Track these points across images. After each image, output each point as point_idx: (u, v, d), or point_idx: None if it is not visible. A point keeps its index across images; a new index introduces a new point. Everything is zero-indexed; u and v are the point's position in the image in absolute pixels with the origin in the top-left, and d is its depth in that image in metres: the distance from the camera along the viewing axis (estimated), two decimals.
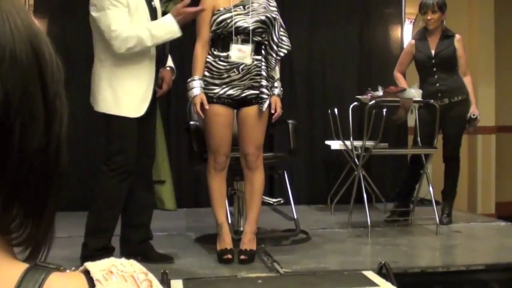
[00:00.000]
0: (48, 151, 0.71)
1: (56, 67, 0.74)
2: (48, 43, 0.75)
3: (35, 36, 0.72)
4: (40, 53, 0.71)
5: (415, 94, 4.97)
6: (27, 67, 0.69)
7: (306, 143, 6.26)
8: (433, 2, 5.19)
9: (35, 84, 0.70)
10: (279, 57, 3.88)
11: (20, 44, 0.69)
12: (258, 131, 3.86)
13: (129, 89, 3.57)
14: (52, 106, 0.72)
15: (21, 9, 0.72)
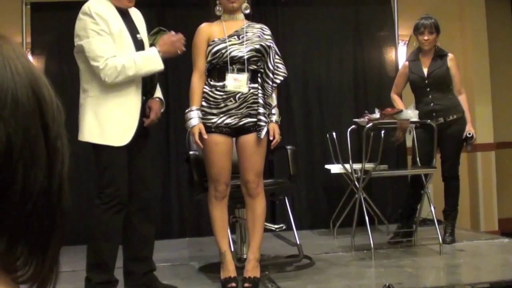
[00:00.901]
0: (50, 191, 0.73)
1: (56, 109, 0.76)
2: (48, 86, 0.77)
3: (35, 80, 0.74)
4: (41, 96, 0.74)
5: (411, 115, 5.00)
6: (28, 110, 0.71)
7: (306, 167, 6.27)
8: (430, 23, 5.24)
9: (36, 126, 0.72)
10: (275, 84, 3.91)
11: (22, 88, 0.71)
12: (258, 159, 3.88)
13: (113, 118, 3.57)
14: (53, 147, 0.74)
15: (21, 54, 0.75)
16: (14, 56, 0.74)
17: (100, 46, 3.51)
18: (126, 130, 3.59)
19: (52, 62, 6.04)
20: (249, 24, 3.95)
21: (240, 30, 3.87)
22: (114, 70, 3.50)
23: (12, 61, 0.73)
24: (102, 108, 3.57)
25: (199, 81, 3.83)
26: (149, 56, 3.60)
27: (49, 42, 6.04)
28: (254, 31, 3.91)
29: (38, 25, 6.00)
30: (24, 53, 0.78)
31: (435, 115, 5.20)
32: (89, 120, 3.58)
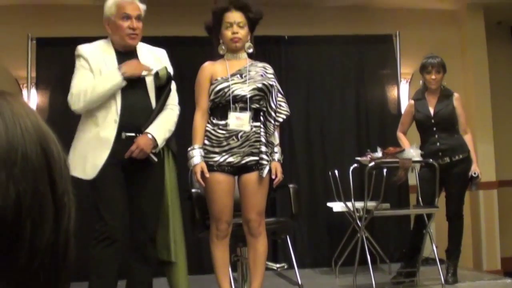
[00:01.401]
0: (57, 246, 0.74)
1: (64, 165, 0.77)
2: (56, 142, 0.78)
3: (44, 136, 0.75)
4: (49, 153, 0.75)
5: (414, 154, 5.00)
6: (37, 167, 0.72)
7: (308, 206, 6.26)
8: (437, 62, 5.26)
9: (45, 183, 0.73)
10: (277, 123, 3.91)
11: (31, 146, 0.72)
12: (260, 197, 3.87)
13: (83, 152, 3.64)
14: (61, 202, 0.75)
15: (30, 111, 0.76)
16: (24, 113, 0.75)
17: (73, 83, 3.74)
18: (93, 164, 3.63)
19: (56, 97, 6.05)
20: (252, 63, 3.97)
21: (243, 69, 3.90)
22: (76, 97, 3.66)
23: (22, 119, 0.74)
24: (79, 142, 3.70)
25: (201, 120, 3.84)
26: (106, 74, 3.69)
27: (54, 77, 6.07)
28: (257, 70, 3.93)
29: (43, 60, 6.04)
30: (33, 109, 0.79)
31: (441, 155, 5.20)
32: (72, 155, 3.65)
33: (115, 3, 3.77)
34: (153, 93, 3.79)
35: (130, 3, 3.78)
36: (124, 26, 3.74)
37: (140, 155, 3.65)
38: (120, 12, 3.75)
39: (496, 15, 7.22)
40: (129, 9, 3.76)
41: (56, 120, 6.03)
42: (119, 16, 3.75)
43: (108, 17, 3.78)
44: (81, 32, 5.91)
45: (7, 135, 0.72)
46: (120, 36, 3.76)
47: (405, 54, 6.53)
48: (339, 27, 6.62)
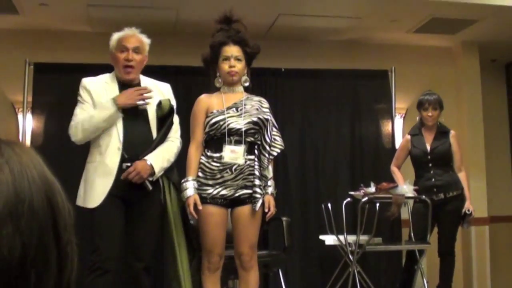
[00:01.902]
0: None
1: (68, 214, 0.78)
2: (61, 191, 0.79)
3: (49, 186, 0.76)
4: (55, 203, 0.76)
5: (407, 190, 5.02)
6: (43, 219, 0.73)
7: (301, 238, 6.24)
8: (434, 99, 5.32)
9: (49, 234, 0.74)
10: (271, 157, 3.94)
11: (38, 197, 0.74)
12: (252, 231, 3.87)
13: (89, 181, 3.73)
14: (64, 253, 0.76)
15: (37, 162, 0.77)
16: (31, 164, 0.76)
17: (74, 116, 3.83)
18: (97, 193, 3.68)
19: (51, 122, 6.07)
20: (248, 96, 4.00)
21: (239, 103, 3.92)
22: (74, 129, 3.77)
23: (29, 170, 0.75)
24: (87, 172, 3.78)
25: (196, 152, 3.86)
26: (102, 104, 3.75)
27: (50, 102, 6.08)
28: (252, 104, 3.96)
29: (40, 85, 6.04)
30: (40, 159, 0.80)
31: (435, 191, 5.22)
32: (80, 185, 3.80)
33: (117, 37, 3.89)
34: (155, 123, 3.86)
35: (130, 36, 3.89)
36: (120, 58, 3.84)
37: (136, 179, 3.68)
38: (119, 44, 3.86)
39: (491, 53, 7.28)
40: (127, 41, 3.87)
41: (51, 146, 6.04)
42: (118, 49, 3.86)
43: (111, 51, 3.90)
44: (79, 58, 5.97)
45: (15, 187, 0.73)
46: (118, 69, 3.88)
47: (400, 89, 6.57)
48: (335, 61, 6.67)
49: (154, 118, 3.85)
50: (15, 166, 0.75)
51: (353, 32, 6.59)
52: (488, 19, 6.12)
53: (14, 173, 0.74)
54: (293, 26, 6.34)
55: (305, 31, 6.49)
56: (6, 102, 6.29)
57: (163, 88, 4.04)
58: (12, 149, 0.78)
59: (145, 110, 3.85)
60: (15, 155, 0.77)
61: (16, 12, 5.76)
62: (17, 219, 0.71)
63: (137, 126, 3.81)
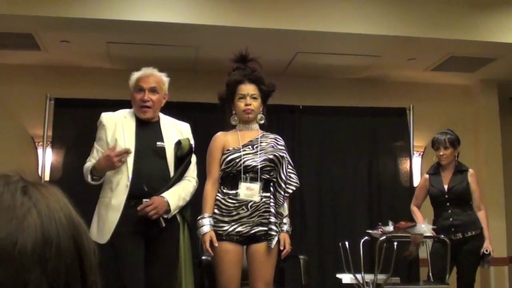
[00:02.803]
0: None
1: (93, 255, 0.79)
2: (87, 232, 0.80)
3: (76, 228, 0.77)
4: (81, 246, 0.76)
5: (425, 230, 4.98)
6: (70, 261, 0.74)
7: (318, 276, 6.19)
8: (444, 139, 5.30)
9: (76, 277, 0.74)
10: (287, 194, 3.93)
11: (65, 241, 0.74)
12: (267, 268, 3.85)
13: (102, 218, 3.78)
14: None
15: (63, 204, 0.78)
16: (58, 207, 0.77)
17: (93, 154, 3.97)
18: (106, 229, 3.74)
19: (71, 156, 6.11)
20: (263, 134, 4.02)
21: (255, 140, 3.94)
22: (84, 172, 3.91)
23: (56, 213, 0.76)
24: (99, 208, 3.84)
25: (212, 189, 3.87)
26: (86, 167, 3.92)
27: (70, 137, 6.14)
28: (268, 141, 3.97)
29: (60, 120, 6.12)
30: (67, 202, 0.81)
31: (453, 230, 5.17)
32: (93, 221, 3.85)
33: (136, 77, 3.97)
34: (173, 161, 3.89)
35: (147, 76, 3.95)
36: (137, 98, 3.91)
37: (152, 213, 3.71)
38: (137, 84, 3.93)
39: (510, 91, 7.27)
40: (144, 82, 3.93)
41: (70, 180, 6.07)
42: (136, 89, 3.93)
43: (130, 90, 3.98)
44: (98, 94, 6.04)
45: (43, 230, 0.74)
46: (136, 109, 3.96)
47: (418, 127, 6.56)
48: (353, 99, 6.69)
49: (172, 155, 3.89)
50: (42, 209, 0.76)
51: (371, 70, 6.61)
52: (506, 57, 6.13)
53: (42, 216, 0.75)
54: (311, 64, 6.38)
55: (323, 68, 6.53)
56: (26, 136, 6.37)
57: (182, 128, 4.07)
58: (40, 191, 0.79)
59: (163, 148, 3.88)
60: (43, 198, 0.78)
61: (38, 49, 5.86)
62: (44, 263, 0.72)
63: (151, 163, 3.84)
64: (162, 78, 3.99)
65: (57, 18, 5.15)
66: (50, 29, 5.43)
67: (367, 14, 5.59)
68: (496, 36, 5.75)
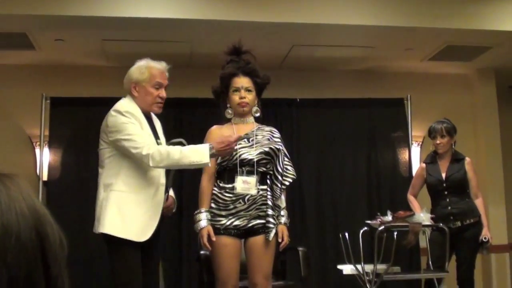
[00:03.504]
0: None
1: (59, 247, 0.77)
2: (52, 223, 0.78)
3: (39, 219, 0.75)
4: (44, 236, 0.75)
5: (424, 218, 4.97)
6: (31, 253, 0.72)
7: (319, 267, 6.20)
8: (441, 127, 5.30)
9: (38, 268, 0.73)
10: (284, 186, 3.92)
11: (26, 231, 0.72)
12: (266, 261, 3.85)
13: (136, 214, 3.59)
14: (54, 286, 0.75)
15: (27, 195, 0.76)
16: (20, 197, 0.75)
17: (140, 135, 3.61)
18: (145, 227, 3.61)
19: (68, 155, 6.12)
20: (259, 127, 4.01)
21: (250, 133, 3.93)
22: (158, 154, 3.54)
23: (18, 203, 0.74)
24: (127, 203, 3.60)
25: (208, 183, 3.86)
26: (197, 148, 3.61)
27: (67, 136, 6.14)
28: (263, 134, 3.96)
29: (56, 119, 6.11)
30: (30, 191, 0.79)
31: (452, 219, 5.19)
32: (112, 214, 3.57)
33: (149, 69, 3.79)
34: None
35: (163, 72, 3.83)
36: (155, 94, 3.78)
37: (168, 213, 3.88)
38: (154, 80, 3.78)
39: (508, 79, 7.25)
40: (163, 78, 3.82)
41: (68, 179, 6.09)
42: (152, 84, 3.77)
43: (138, 81, 3.77)
44: (94, 92, 6.04)
45: (2, 221, 0.72)
46: (147, 103, 3.78)
47: (416, 117, 6.55)
48: (351, 90, 6.68)
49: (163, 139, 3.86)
50: (2, 200, 0.74)
51: (367, 61, 6.60)
52: (503, 45, 6.11)
53: (2, 207, 0.74)
54: (307, 57, 6.36)
55: (320, 61, 6.52)
56: (23, 136, 6.37)
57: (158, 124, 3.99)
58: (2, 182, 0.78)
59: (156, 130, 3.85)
60: (4, 188, 0.76)
61: (33, 48, 5.86)
62: (4, 254, 0.70)
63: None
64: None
65: (51, 16, 5.14)
66: (44, 28, 5.42)
67: (362, 5, 5.57)
68: (492, 24, 5.74)
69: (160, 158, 3.53)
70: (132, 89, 3.79)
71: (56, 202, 6.01)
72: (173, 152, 3.56)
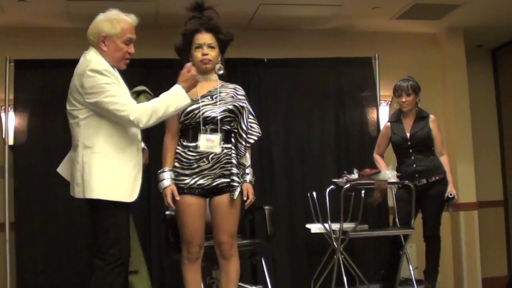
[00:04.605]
0: None
1: None
2: None
3: None
4: None
5: (389, 176, 5.02)
6: None
7: (287, 227, 6.23)
8: (407, 85, 5.32)
9: None
10: (248, 144, 3.92)
11: None
12: (231, 219, 3.85)
13: (124, 174, 3.52)
14: None
15: None
16: None
17: (122, 97, 3.51)
18: (134, 185, 3.56)
19: (35, 119, 6.04)
20: (222, 84, 3.97)
21: (214, 91, 3.89)
22: (145, 113, 3.49)
23: None
24: (112, 165, 3.50)
25: (171, 142, 3.83)
26: (175, 93, 3.60)
27: (32, 99, 6.05)
28: (227, 91, 3.93)
29: (21, 82, 6.02)
30: None
31: (417, 176, 5.23)
32: (99, 178, 3.46)
33: (120, 24, 3.63)
34: None
35: (133, 27, 3.70)
36: (124, 50, 3.65)
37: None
38: (125, 35, 3.64)
39: (477, 38, 7.26)
40: (132, 33, 3.68)
41: (35, 143, 6.02)
42: (123, 39, 3.63)
43: (109, 35, 3.60)
44: (60, 54, 5.93)
45: None
46: (116, 58, 3.65)
47: (384, 76, 6.55)
48: (319, 50, 6.64)
49: None
50: None
51: (335, 20, 6.56)
52: (472, 3, 6.09)
53: None
54: (275, 16, 6.31)
55: (287, 20, 6.47)
56: None
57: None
58: None
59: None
60: None
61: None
62: None
63: None
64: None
65: None
66: None
67: None
68: None
69: (147, 117, 3.50)
70: (101, 42, 3.61)
71: (23, 166, 5.96)
72: (157, 106, 3.54)
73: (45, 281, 5.81)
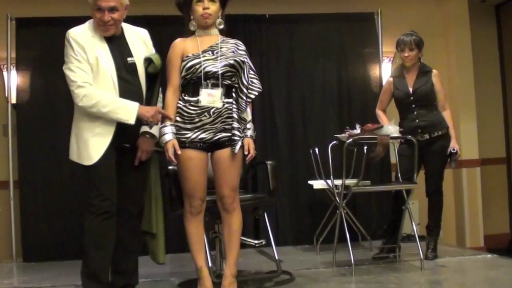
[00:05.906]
0: None
1: None
2: None
3: None
4: None
5: (392, 131, 5.00)
6: None
7: (290, 183, 6.27)
8: (410, 40, 5.27)
9: None
10: (249, 99, 3.91)
11: None
12: (233, 173, 3.87)
13: (83, 139, 3.68)
14: None
15: None
16: None
17: (74, 72, 3.65)
18: (95, 151, 3.66)
19: (37, 77, 6.07)
20: (223, 39, 3.95)
21: (215, 46, 3.88)
22: (89, 99, 3.61)
23: None
24: (78, 129, 3.72)
25: (173, 96, 3.83)
26: (127, 106, 3.65)
27: (34, 57, 6.07)
28: (228, 46, 3.91)
29: (23, 40, 6.03)
30: None
31: (420, 131, 5.21)
32: (71, 140, 3.75)
33: None
34: (144, 80, 3.82)
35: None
36: (97, 17, 3.71)
37: (145, 157, 3.84)
38: (95, 3, 3.69)
39: None
40: (102, 1, 3.69)
41: (39, 102, 6.04)
42: (94, 7, 3.71)
43: (89, 5, 3.74)
44: (62, 12, 5.91)
45: None
46: (96, 26, 3.75)
47: (387, 32, 6.52)
48: (321, 5, 6.60)
49: (142, 71, 3.81)
50: None
51: None
52: None
53: None
54: None
55: None
56: None
57: (144, 35, 3.96)
58: None
59: (134, 64, 3.78)
60: None
61: None
62: None
63: (131, 83, 3.76)
64: None
65: None
66: None
67: None
68: None
69: (90, 103, 3.61)
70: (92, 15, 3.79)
71: (26, 125, 5.99)
72: (104, 102, 3.62)
73: (48, 237, 5.88)
